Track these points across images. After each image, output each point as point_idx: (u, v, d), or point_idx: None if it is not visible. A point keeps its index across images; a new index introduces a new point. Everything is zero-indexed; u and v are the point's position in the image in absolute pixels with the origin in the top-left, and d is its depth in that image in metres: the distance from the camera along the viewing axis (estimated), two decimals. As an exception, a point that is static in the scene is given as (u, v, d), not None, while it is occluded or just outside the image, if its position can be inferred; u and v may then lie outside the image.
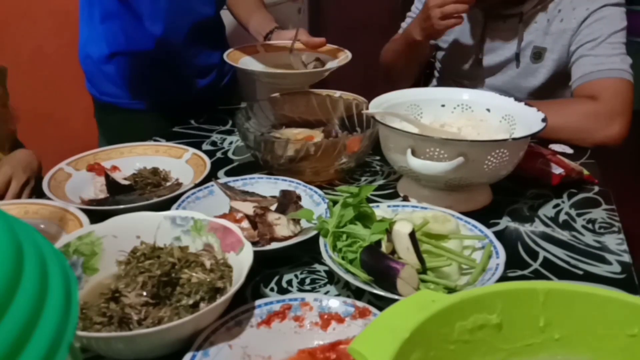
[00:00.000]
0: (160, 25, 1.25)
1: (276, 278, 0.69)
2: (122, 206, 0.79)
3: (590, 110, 1.07)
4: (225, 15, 1.46)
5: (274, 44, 1.28)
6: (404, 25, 1.47)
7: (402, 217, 0.69)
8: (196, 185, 0.83)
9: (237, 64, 1.18)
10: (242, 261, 0.59)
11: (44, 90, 2.10)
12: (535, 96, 1.24)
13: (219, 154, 1.07)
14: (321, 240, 0.67)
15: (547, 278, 0.69)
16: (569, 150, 1.05)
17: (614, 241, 0.76)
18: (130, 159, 0.97)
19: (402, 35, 1.34)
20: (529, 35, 1.22)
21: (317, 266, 0.71)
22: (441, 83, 1.45)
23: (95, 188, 0.89)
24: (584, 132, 1.06)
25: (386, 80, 1.47)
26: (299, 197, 0.80)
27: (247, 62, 1.21)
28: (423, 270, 0.63)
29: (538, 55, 1.22)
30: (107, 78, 1.35)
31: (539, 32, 1.20)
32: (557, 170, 0.90)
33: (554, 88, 1.24)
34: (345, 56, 1.20)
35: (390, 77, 1.45)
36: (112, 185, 0.87)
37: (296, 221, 0.75)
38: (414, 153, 0.78)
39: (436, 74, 1.48)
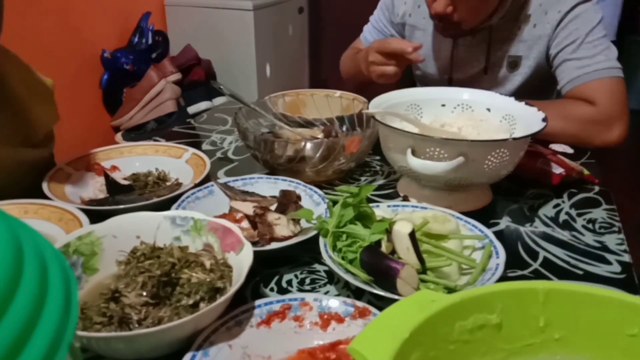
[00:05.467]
0: None
1: (276, 278, 0.69)
2: (122, 206, 0.79)
3: (588, 117, 1.06)
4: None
5: None
6: (368, 28, 1.44)
7: (402, 217, 0.69)
8: (196, 185, 0.83)
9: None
10: (242, 261, 0.59)
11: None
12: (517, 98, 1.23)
13: (218, 154, 1.07)
14: (321, 240, 0.67)
15: (547, 278, 0.69)
16: (569, 150, 1.05)
17: (614, 241, 0.76)
18: (130, 158, 0.97)
19: (356, 56, 1.29)
20: (502, 46, 1.20)
21: (317, 266, 0.71)
22: None
23: (95, 188, 0.89)
24: (583, 138, 1.06)
25: (348, 85, 1.42)
26: (298, 197, 0.80)
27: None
28: (423, 270, 0.63)
29: (514, 64, 1.20)
30: None
31: (512, 42, 1.18)
32: (558, 170, 0.90)
33: (534, 88, 1.22)
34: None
35: (349, 85, 1.41)
36: (112, 185, 0.87)
37: (296, 221, 0.75)
38: (414, 153, 0.78)
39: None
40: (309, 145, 0.88)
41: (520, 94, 1.22)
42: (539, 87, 1.23)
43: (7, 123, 0.88)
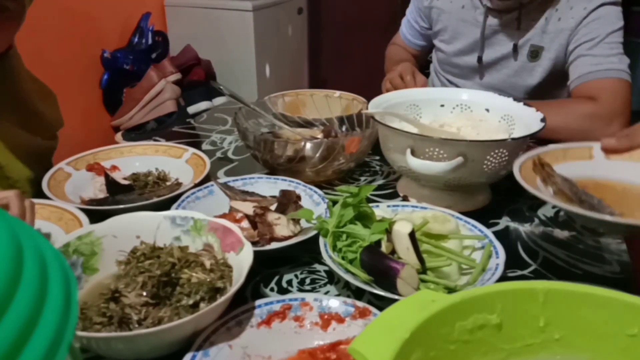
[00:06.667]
0: None
1: (276, 278, 0.69)
2: (121, 206, 0.79)
3: (589, 112, 1.07)
4: None
5: None
6: (404, 21, 1.48)
7: (402, 217, 0.69)
8: (196, 185, 0.83)
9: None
10: (242, 261, 0.59)
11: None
12: (532, 95, 1.24)
13: (218, 154, 1.07)
14: (321, 240, 0.67)
15: (547, 278, 0.69)
16: (569, 150, 1.05)
17: (614, 241, 0.76)
18: (130, 158, 0.97)
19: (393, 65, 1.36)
20: (527, 33, 1.21)
21: (317, 266, 0.71)
22: (436, 83, 1.45)
23: (95, 188, 0.89)
24: (583, 134, 1.06)
25: None
26: (298, 197, 0.80)
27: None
28: (423, 270, 0.63)
29: (535, 54, 1.22)
30: None
31: (537, 31, 1.20)
32: (557, 170, 0.90)
33: (550, 87, 1.24)
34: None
35: None
36: (112, 185, 0.87)
37: (296, 221, 0.75)
38: (413, 153, 0.78)
39: (432, 73, 1.48)
40: (308, 145, 0.88)
41: (539, 88, 1.23)
42: (561, 84, 1.23)
43: (17, 112, 0.91)
